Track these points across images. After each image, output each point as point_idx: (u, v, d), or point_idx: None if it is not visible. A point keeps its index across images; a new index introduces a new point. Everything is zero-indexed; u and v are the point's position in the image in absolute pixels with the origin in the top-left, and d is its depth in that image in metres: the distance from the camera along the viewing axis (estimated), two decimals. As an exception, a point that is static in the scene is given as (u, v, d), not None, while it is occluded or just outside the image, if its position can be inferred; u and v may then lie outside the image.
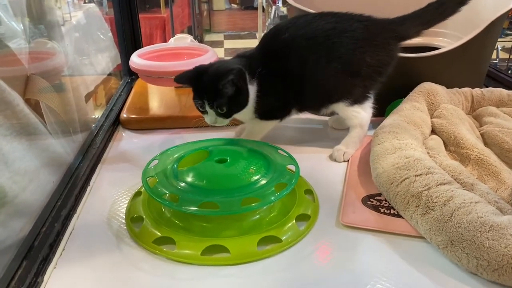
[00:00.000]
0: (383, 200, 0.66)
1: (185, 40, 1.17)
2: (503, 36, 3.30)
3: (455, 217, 0.54)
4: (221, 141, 0.77)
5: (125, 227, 0.63)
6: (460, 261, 0.53)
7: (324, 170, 0.78)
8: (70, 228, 0.63)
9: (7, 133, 0.60)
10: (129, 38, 1.21)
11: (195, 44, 1.12)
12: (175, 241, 0.58)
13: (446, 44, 1.15)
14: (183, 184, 0.62)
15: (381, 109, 0.94)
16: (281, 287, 0.53)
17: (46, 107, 0.75)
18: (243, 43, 4.75)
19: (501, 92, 0.91)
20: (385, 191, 0.65)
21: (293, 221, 0.62)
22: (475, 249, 0.51)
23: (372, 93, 0.81)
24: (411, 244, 0.59)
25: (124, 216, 0.65)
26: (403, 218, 0.62)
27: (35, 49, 0.86)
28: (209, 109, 0.75)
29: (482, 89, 0.93)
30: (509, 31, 3.32)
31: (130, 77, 1.21)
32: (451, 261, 0.55)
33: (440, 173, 0.62)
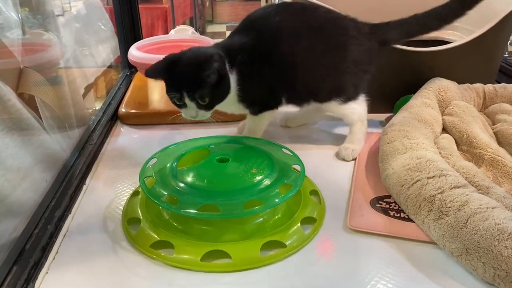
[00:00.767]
0: (393, 203, 0.63)
1: (186, 32, 1.14)
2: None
3: (470, 223, 0.51)
4: (222, 139, 0.74)
5: (121, 229, 0.60)
6: (475, 270, 0.50)
7: (329, 169, 0.75)
8: (64, 230, 0.60)
9: None
10: (129, 30, 1.17)
11: (196, 36, 1.08)
12: (173, 245, 0.55)
13: (457, 37, 1.11)
14: (182, 185, 0.59)
15: (389, 105, 0.91)
16: (286, 296, 0.50)
17: (41, 101, 0.72)
18: (246, 34, 4.69)
19: (515, 88, 0.88)
20: (395, 193, 0.62)
21: (298, 225, 0.58)
22: (492, 258, 0.48)
23: (363, 89, 0.80)
24: (422, 250, 0.56)
25: (121, 217, 0.62)
26: (414, 222, 0.59)
27: (29, 40, 0.82)
28: (189, 102, 0.69)
29: (495, 85, 0.90)
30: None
31: (129, 69, 1.17)
32: (465, 269, 0.52)
33: (454, 175, 0.58)
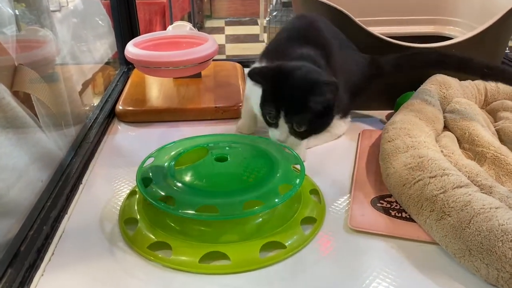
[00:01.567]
0: (394, 202, 0.62)
1: (183, 28, 1.12)
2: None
3: (473, 224, 0.50)
4: (221, 137, 0.73)
5: (118, 230, 0.59)
6: (478, 271, 0.49)
7: (329, 168, 0.74)
8: (60, 231, 0.59)
9: None
10: (126, 25, 1.15)
11: (194, 32, 1.06)
12: (171, 247, 0.54)
13: (458, 33, 1.10)
14: (180, 185, 0.58)
15: (390, 102, 0.89)
16: (285, 298, 0.49)
17: (36, 99, 0.71)
18: (245, 29, 4.66)
19: (517, 85, 0.86)
20: (397, 193, 0.61)
21: (298, 225, 0.58)
22: (496, 260, 0.47)
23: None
24: (424, 250, 0.55)
25: (118, 217, 0.61)
26: (415, 222, 0.58)
27: (24, 37, 0.81)
28: (282, 123, 0.64)
29: (497, 81, 0.89)
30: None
31: (126, 66, 1.16)
32: (468, 270, 0.51)
33: (456, 174, 0.57)
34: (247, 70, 0.74)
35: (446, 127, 0.78)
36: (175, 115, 0.91)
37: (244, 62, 1.17)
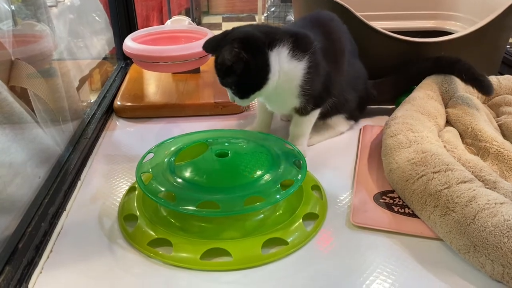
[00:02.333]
0: (397, 198, 0.61)
1: (182, 22, 1.11)
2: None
3: (478, 219, 0.50)
4: (221, 132, 0.72)
5: (118, 226, 0.58)
6: (483, 267, 0.49)
7: (331, 163, 0.73)
8: (58, 228, 0.58)
9: None
10: (123, 20, 1.14)
11: (193, 27, 1.05)
12: (172, 243, 0.53)
13: (459, 28, 1.09)
14: (180, 181, 0.57)
15: (392, 97, 0.89)
16: (288, 295, 0.48)
17: (33, 94, 0.70)
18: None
19: (519, 80, 0.86)
20: (400, 188, 0.60)
21: (300, 221, 0.57)
22: (501, 255, 0.47)
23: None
24: (428, 246, 0.54)
25: (117, 214, 0.60)
26: (419, 218, 0.57)
27: (21, 31, 0.80)
28: (224, 87, 0.67)
29: (499, 76, 0.88)
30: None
31: (124, 61, 1.15)
32: (472, 266, 0.50)
33: (460, 169, 0.57)
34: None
35: (448, 122, 0.77)
36: (173, 110, 0.90)
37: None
